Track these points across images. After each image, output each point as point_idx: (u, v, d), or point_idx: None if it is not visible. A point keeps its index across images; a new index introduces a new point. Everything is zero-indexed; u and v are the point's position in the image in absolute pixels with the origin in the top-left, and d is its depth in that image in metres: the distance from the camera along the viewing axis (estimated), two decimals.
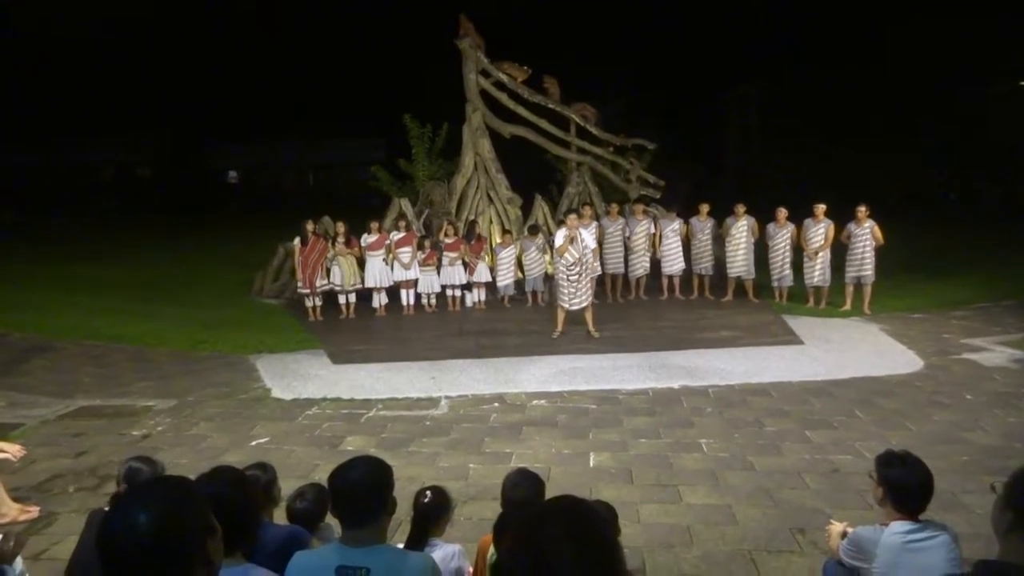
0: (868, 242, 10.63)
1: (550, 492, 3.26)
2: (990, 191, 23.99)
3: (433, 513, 3.18)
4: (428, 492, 3.18)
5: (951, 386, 7.32)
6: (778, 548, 4.20)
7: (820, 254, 10.97)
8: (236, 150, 42.09)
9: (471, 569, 3.21)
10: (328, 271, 11.43)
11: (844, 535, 3.02)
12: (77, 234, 23.87)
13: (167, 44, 38.35)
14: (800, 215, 11.31)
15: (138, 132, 38.71)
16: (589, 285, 9.40)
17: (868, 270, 10.70)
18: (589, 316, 9.46)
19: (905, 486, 2.63)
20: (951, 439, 5.85)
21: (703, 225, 11.99)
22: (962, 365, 8.11)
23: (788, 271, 11.41)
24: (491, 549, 2.88)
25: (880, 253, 10.85)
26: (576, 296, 9.27)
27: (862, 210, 10.67)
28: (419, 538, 3.08)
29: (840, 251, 11.12)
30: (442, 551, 3.02)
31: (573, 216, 9.32)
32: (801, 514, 4.64)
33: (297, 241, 11.34)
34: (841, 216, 11.11)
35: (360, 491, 2.06)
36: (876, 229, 10.63)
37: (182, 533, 1.30)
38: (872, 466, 5.29)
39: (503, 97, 13.27)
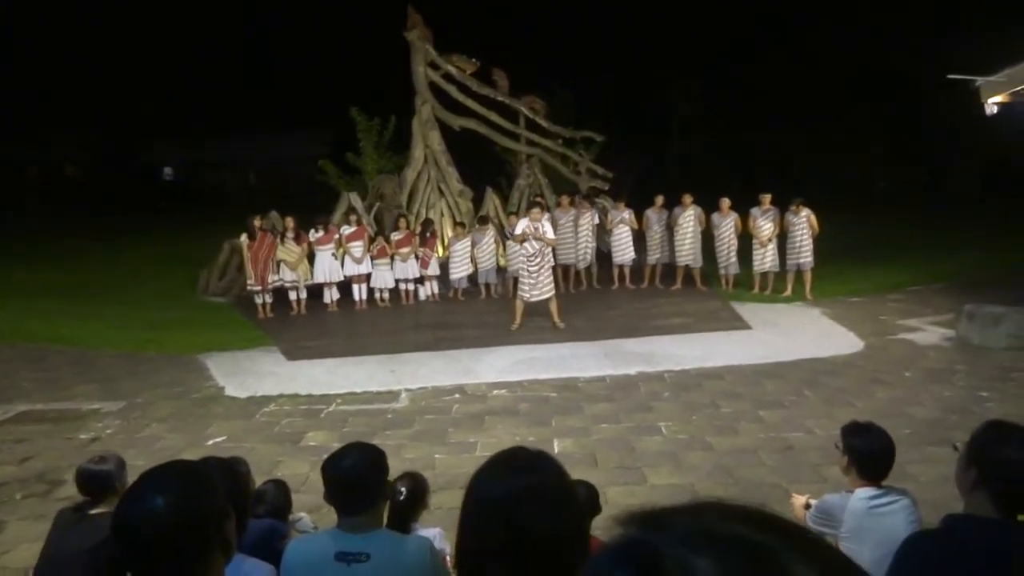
0: (805, 230, 11.04)
1: None
2: (920, 179, 25.15)
3: (408, 503, 3.19)
4: (401, 488, 3.19)
5: (890, 364, 7.70)
6: None
7: (772, 241, 11.32)
8: (171, 146, 40.60)
9: (451, 553, 3.23)
10: (278, 266, 11.21)
11: (807, 506, 3.16)
12: (1, 235, 22.66)
13: (96, 34, 36.62)
14: (743, 204, 11.63)
15: (66, 128, 36.89)
16: (549, 276, 9.48)
17: (807, 256, 11.10)
18: (554, 307, 9.53)
19: (869, 454, 2.78)
20: (894, 413, 6.14)
21: (658, 216, 12.21)
22: (899, 345, 8.52)
23: (734, 259, 11.75)
24: None
25: (818, 240, 11.27)
26: (536, 288, 9.32)
27: (795, 205, 11.09)
28: (400, 527, 3.09)
29: (780, 240, 11.50)
30: (423, 534, 3.03)
31: (536, 209, 9.42)
32: (760, 489, 4.83)
33: (244, 237, 11.08)
34: (779, 205, 11.48)
35: (354, 479, 2.07)
36: (812, 218, 11.04)
37: (202, 516, 1.29)
38: (824, 441, 5.52)
39: (452, 90, 13.22)
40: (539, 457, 1.22)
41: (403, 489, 3.17)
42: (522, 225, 9.27)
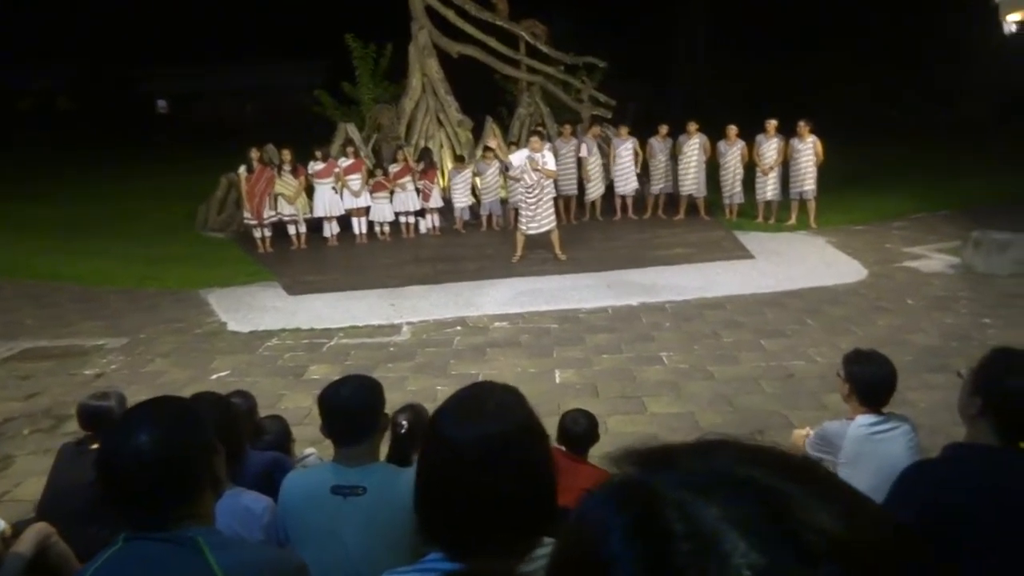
0: (809, 158, 10.78)
1: None
2: (929, 108, 24.54)
3: (410, 435, 3.20)
4: (403, 420, 3.19)
5: (893, 292, 7.66)
6: None
7: (774, 169, 11.09)
8: (165, 77, 39.62)
9: None
10: (276, 201, 11.08)
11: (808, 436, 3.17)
12: None
13: None
14: (749, 132, 11.36)
15: (56, 59, 35.90)
16: (549, 208, 9.35)
17: (810, 185, 10.89)
18: (555, 239, 9.45)
19: (870, 381, 2.76)
20: (895, 341, 6.14)
21: (662, 145, 11.95)
22: (903, 273, 8.47)
23: (739, 188, 11.55)
24: None
25: (823, 169, 11.02)
26: (535, 220, 9.21)
27: (802, 125, 10.78)
28: (401, 460, 3.11)
29: (784, 168, 11.27)
30: None
31: (536, 138, 9.22)
32: (760, 417, 4.87)
33: (243, 170, 10.91)
34: (785, 132, 11.21)
35: (352, 409, 2.05)
36: (818, 145, 10.75)
37: (187, 452, 1.26)
38: (825, 369, 5.53)
39: (450, 14, 12.73)
40: (509, 400, 1.14)
41: (404, 422, 3.17)
42: (521, 157, 9.08)
